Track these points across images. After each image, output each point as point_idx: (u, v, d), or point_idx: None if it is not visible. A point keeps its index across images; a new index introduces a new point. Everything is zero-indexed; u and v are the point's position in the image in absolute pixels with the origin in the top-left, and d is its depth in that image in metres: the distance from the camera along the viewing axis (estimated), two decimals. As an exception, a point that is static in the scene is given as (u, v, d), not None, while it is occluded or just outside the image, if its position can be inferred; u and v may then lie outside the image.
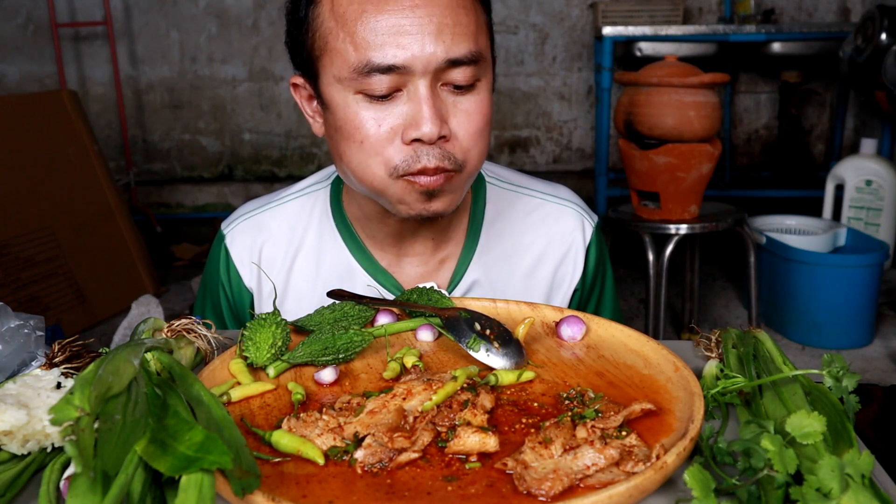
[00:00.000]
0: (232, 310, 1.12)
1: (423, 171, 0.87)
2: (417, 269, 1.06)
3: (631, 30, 3.66)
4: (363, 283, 1.05)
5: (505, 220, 1.09)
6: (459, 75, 0.86)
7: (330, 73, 0.88)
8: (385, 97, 0.86)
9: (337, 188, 1.09)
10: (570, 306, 1.11)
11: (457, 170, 0.89)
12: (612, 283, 1.18)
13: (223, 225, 1.12)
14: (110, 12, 4.19)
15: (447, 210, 0.92)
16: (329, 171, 1.12)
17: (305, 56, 0.91)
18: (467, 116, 0.88)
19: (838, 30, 3.63)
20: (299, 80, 0.96)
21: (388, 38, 0.83)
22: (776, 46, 3.86)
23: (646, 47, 3.78)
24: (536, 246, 1.10)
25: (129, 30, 4.46)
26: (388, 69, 0.84)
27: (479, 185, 1.10)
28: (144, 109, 4.59)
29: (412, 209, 0.91)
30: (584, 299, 1.13)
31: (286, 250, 1.08)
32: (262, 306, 1.10)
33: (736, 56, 4.05)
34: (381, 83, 0.85)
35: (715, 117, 2.45)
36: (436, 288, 1.02)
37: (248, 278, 1.09)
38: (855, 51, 3.25)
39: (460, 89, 0.88)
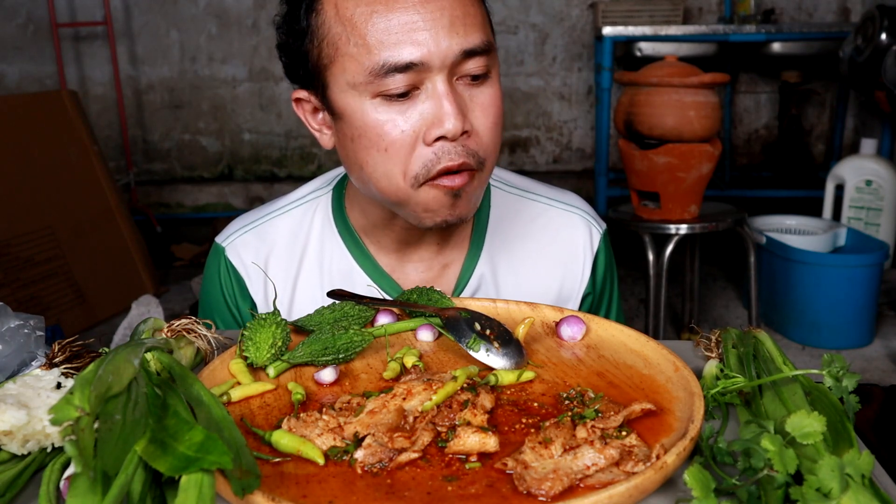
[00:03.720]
0: (240, 325, 1.10)
1: (447, 172, 0.86)
2: (421, 273, 1.05)
3: (631, 30, 3.66)
4: (366, 288, 1.04)
5: (510, 225, 1.08)
6: (474, 66, 0.85)
7: (342, 80, 0.86)
8: (404, 95, 0.84)
9: (339, 193, 1.08)
10: None
11: (478, 167, 0.88)
12: (618, 290, 1.17)
13: (219, 239, 1.09)
14: (110, 12, 4.18)
15: (470, 214, 0.91)
16: (330, 177, 1.11)
17: (311, 67, 0.89)
18: (484, 109, 0.87)
19: (838, 30, 3.63)
20: (303, 94, 0.93)
21: (403, 35, 0.82)
22: (776, 46, 3.87)
23: (646, 47, 3.78)
24: (542, 252, 1.08)
25: (129, 30, 4.46)
26: (405, 67, 0.82)
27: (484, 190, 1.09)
28: (144, 109, 4.59)
29: (437, 216, 0.89)
30: (595, 306, 1.13)
31: (289, 260, 1.06)
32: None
33: (736, 56, 4.05)
34: (398, 82, 0.83)
35: (715, 117, 2.45)
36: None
37: (255, 290, 1.07)
38: (855, 51, 3.25)
39: (476, 80, 0.87)
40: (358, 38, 0.83)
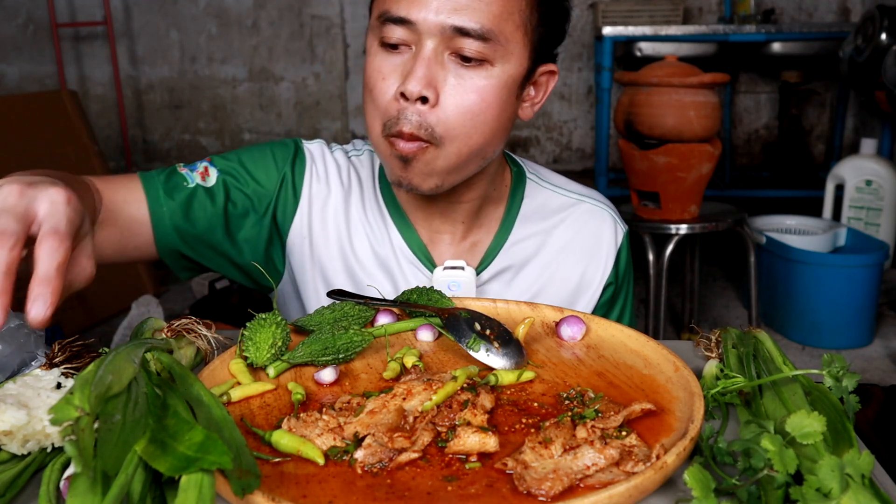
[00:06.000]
0: (262, 203, 1.04)
1: (399, 135, 0.90)
2: (450, 247, 1.09)
3: (631, 30, 3.66)
4: (401, 249, 1.07)
5: (540, 215, 1.12)
6: (467, 47, 0.88)
7: (370, 22, 0.94)
8: (394, 47, 0.90)
9: None
10: (598, 305, 1.13)
11: (432, 142, 0.90)
12: (633, 292, 1.21)
13: (297, 140, 1.11)
14: (110, 12, 4.19)
15: (424, 187, 0.93)
16: None
17: (369, 8, 0.97)
18: (461, 91, 0.89)
19: (838, 30, 3.63)
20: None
21: None
22: (776, 46, 3.86)
23: (646, 47, 3.78)
24: (568, 241, 1.12)
25: (129, 30, 4.46)
26: (399, 20, 0.88)
27: (519, 180, 1.13)
28: (144, 109, 4.59)
29: (392, 174, 0.94)
30: (613, 301, 1.15)
31: (344, 196, 1.08)
32: (302, 250, 1.06)
33: (736, 56, 4.05)
34: (393, 33, 0.89)
35: (715, 117, 2.45)
36: (465, 268, 1.05)
37: (311, 195, 1.06)
38: (855, 51, 3.25)
39: (467, 63, 0.89)
40: None
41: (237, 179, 1.02)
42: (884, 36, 3.07)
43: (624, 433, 0.64)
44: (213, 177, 1.01)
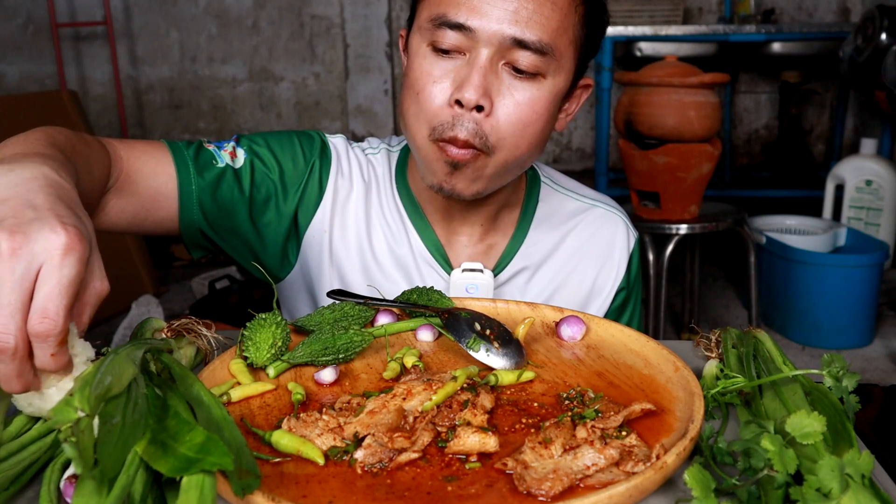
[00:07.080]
0: (295, 173, 1.04)
1: (452, 141, 0.89)
2: (466, 248, 1.09)
3: (631, 30, 3.66)
4: (418, 250, 1.07)
5: (554, 219, 1.13)
6: (522, 59, 0.88)
7: (419, 21, 0.92)
8: (447, 52, 0.89)
9: (405, 154, 1.11)
10: (609, 310, 1.14)
11: (484, 151, 0.90)
12: (641, 297, 1.22)
13: (319, 132, 1.10)
14: (110, 12, 4.18)
15: (467, 192, 0.93)
16: (398, 138, 1.15)
17: (414, 4, 0.96)
18: (515, 104, 0.90)
19: (838, 30, 3.63)
20: (403, 32, 1.00)
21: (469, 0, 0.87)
22: (776, 46, 3.86)
23: (646, 47, 3.78)
24: (582, 246, 1.13)
25: (129, 30, 4.46)
26: (456, 26, 0.87)
27: (534, 184, 1.13)
28: (144, 109, 4.59)
29: (435, 177, 0.93)
30: (623, 306, 1.16)
31: (365, 194, 1.08)
32: (322, 245, 1.06)
33: (736, 56, 4.05)
34: (447, 38, 0.88)
35: (715, 117, 2.45)
36: (483, 270, 1.05)
37: (335, 189, 1.06)
38: (855, 51, 3.25)
39: (520, 74, 0.89)
40: None
41: (265, 164, 1.02)
42: (884, 36, 3.07)
43: (624, 433, 0.64)
44: (240, 158, 1.00)
